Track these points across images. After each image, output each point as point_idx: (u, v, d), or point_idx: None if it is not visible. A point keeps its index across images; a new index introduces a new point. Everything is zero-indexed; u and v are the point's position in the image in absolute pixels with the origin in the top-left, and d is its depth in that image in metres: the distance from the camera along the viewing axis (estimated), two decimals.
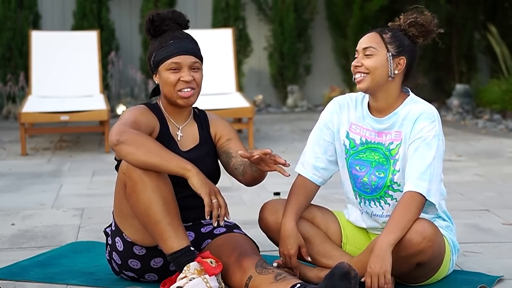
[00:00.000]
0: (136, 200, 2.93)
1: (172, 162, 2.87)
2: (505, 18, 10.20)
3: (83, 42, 7.93)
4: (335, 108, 3.25)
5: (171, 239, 2.91)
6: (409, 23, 3.13)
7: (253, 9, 10.13)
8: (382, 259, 2.86)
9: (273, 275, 2.88)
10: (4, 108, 9.19)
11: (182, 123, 3.22)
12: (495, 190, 5.11)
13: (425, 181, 2.95)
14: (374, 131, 3.15)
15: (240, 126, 7.36)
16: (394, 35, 3.11)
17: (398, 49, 3.09)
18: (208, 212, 2.84)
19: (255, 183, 3.17)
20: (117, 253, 3.14)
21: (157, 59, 3.12)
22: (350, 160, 3.19)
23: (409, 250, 2.89)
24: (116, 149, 2.91)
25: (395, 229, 2.89)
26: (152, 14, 3.15)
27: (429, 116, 3.06)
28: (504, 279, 3.23)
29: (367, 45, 3.09)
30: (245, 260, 2.97)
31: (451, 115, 9.08)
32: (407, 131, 3.07)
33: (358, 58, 3.10)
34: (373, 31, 3.13)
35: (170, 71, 3.10)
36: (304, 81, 10.23)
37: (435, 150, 3.00)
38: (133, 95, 9.56)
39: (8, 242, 3.94)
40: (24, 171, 6.02)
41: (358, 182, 3.18)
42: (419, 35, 3.13)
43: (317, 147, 3.24)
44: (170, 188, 2.95)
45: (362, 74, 3.07)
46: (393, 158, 3.10)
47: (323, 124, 3.25)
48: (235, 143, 3.23)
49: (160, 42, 3.13)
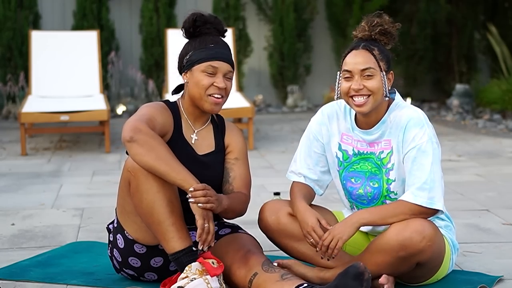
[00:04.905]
0: (140, 200, 2.93)
1: (179, 175, 2.85)
2: (505, 18, 10.21)
3: (83, 42, 7.93)
4: (324, 119, 3.21)
5: (174, 239, 2.91)
6: (378, 31, 3.04)
7: (253, 9, 10.14)
8: (345, 228, 2.92)
9: (279, 274, 2.89)
10: (4, 108, 9.19)
11: (199, 127, 3.19)
12: (495, 190, 5.11)
13: (426, 190, 2.93)
14: (365, 141, 3.11)
15: (240, 126, 7.36)
16: (380, 50, 3.02)
17: (387, 65, 3.03)
18: (199, 235, 2.84)
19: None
20: (118, 250, 3.14)
21: (194, 58, 3.07)
22: (344, 172, 3.16)
23: (409, 250, 2.89)
24: (128, 145, 2.89)
25: (376, 214, 2.94)
26: (196, 15, 3.12)
27: (417, 122, 3.00)
28: (504, 279, 3.23)
29: (366, 66, 2.98)
30: (252, 258, 2.97)
31: (451, 115, 9.08)
32: (398, 140, 3.03)
33: (357, 81, 2.99)
34: (362, 49, 3.00)
35: (205, 74, 3.06)
36: (304, 81, 10.23)
37: (431, 155, 2.97)
38: (133, 95, 9.56)
39: (8, 242, 3.94)
40: (24, 171, 6.02)
41: (353, 194, 3.16)
42: (388, 43, 3.07)
43: (308, 159, 3.22)
44: (174, 188, 2.94)
45: (364, 96, 3.00)
46: (385, 167, 3.07)
47: (313, 136, 3.22)
48: (240, 167, 3.19)
49: (201, 42, 3.08)
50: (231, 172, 3.17)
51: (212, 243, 2.87)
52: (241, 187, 3.15)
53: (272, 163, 6.29)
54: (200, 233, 2.84)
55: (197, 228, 2.84)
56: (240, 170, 3.18)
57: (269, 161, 6.36)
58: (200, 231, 2.84)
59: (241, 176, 3.17)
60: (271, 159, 6.44)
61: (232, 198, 3.04)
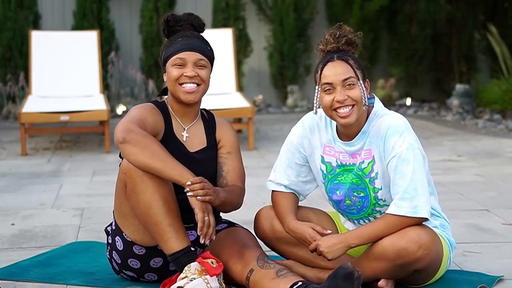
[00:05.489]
0: (136, 201, 2.93)
1: (175, 170, 2.86)
2: (505, 18, 10.21)
3: (83, 42, 7.93)
4: (305, 133, 3.17)
5: (172, 240, 2.91)
6: (345, 42, 2.99)
7: (253, 9, 10.14)
8: (334, 249, 2.92)
9: (274, 270, 2.88)
10: (4, 108, 9.19)
11: (189, 123, 3.20)
12: (495, 190, 5.10)
13: (407, 200, 2.90)
14: (347, 153, 3.08)
15: (240, 126, 7.36)
16: (353, 59, 2.99)
17: (363, 73, 3.00)
18: (201, 228, 2.84)
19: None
20: (117, 252, 3.14)
21: (165, 56, 3.14)
22: (329, 185, 3.14)
23: (405, 259, 2.87)
24: (121, 147, 2.90)
25: (365, 237, 2.92)
26: (168, 16, 3.17)
27: (396, 130, 2.95)
28: (504, 279, 3.23)
29: (346, 75, 2.94)
30: (247, 252, 2.97)
31: (451, 115, 9.08)
32: (380, 149, 2.99)
33: (340, 92, 2.94)
34: (338, 60, 2.96)
35: (174, 67, 3.10)
36: (304, 81, 10.23)
37: (412, 162, 2.92)
38: (133, 95, 9.56)
39: (8, 242, 3.94)
40: (24, 171, 6.02)
41: (341, 205, 3.14)
42: (354, 52, 3.03)
43: (289, 170, 3.20)
44: (170, 188, 2.94)
45: (349, 107, 2.95)
46: (367, 177, 3.04)
47: (294, 148, 3.19)
48: (232, 161, 3.19)
49: (170, 40, 3.15)
50: (224, 166, 3.18)
51: (213, 236, 2.88)
52: (235, 180, 3.15)
53: (272, 163, 6.25)
54: (201, 227, 2.84)
55: (198, 222, 2.84)
56: (234, 164, 3.19)
57: (269, 161, 6.35)
58: (201, 225, 2.84)
59: (235, 170, 3.17)
60: (271, 159, 6.43)
61: (228, 191, 3.04)
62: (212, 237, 2.87)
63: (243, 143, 6.97)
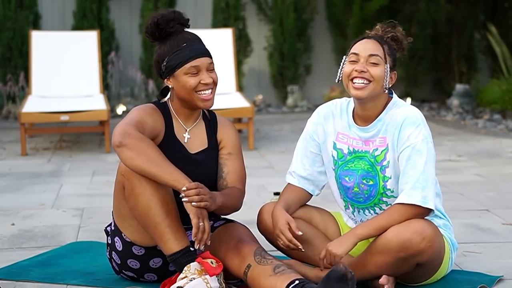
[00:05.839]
0: (135, 203, 2.93)
1: (171, 175, 2.85)
2: (505, 18, 10.21)
3: (83, 42, 7.93)
4: (319, 119, 3.23)
5: (171, 240, 2.91)
6: (390, 36, 3.09)
7: (253, 9, 10.13)
8: (341, 244, 2.94)
9: (271, 266, 2.87)
10: (4, 108, 9.19)
11: (191, 124, 3.18)
12: (495, 190, 5.10)
13: (419, 189, 2.94)
14: (361, 139, 3.12)
15: (240, 126, 7.36)
16: (390, 48, 3.07)
17: (393, 63, 3.08)
18: (195, 234, 2.84)
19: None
20: (117, 253, 3.14)
21: (172, 64, 3.04)
22: (339, 171, 3.17)
23: (409, 251, 2.89)
24: (118, 151, 2.89)
25: (371, 226, 2.94)
26: (156, 17, 3.08)
27: (413, 120, 3.01)
28: (504, 279, 3.23)
29: (374, 52, 3.02)
30: (244, 247, 2.97)
31: (451, 115, 9.08)
32: (394, 138, 3.03)
33: (361, 63, 3.02)
34: (373, 39, 3.06)
35: (189, 75, 3.04)
36: (304, 81, 10.23)
37: (425, 154, 2.97)
38: (133, 95, 9.56)
39: (8, 242, 3.94)
40: (24, 171, 6.02)
41: (349, 192, 3.16)
42: (397, 50, 3.11)
43: (305, 159, 3.24)
44: (169, 190, 2.94)
45: (365, 81, 3.02)
46: (379, 165, 3.08)
47: (309, 135, 3.24)
48: (233, 162, 3.18)
49: (172, 46, 3.05)
50: (224, 168, 3.16)
51: (208, 241, 2.87)
52: (235, 181, 3.14)
53: (272, 163, 6.28)
54: (196, 232, 2.83)
55: (192, 228, 2.84)
56: (234, 165, 3.17)
57: (269, 161, 6.35)
58: (195, 230, 2.83)
59: (235, 171, 3.16)
60: (271, 159, 6.44)
61: (226, 195, 3.03)
62: (207, 242, 2.86)
63: (243, 143, 6.97)
